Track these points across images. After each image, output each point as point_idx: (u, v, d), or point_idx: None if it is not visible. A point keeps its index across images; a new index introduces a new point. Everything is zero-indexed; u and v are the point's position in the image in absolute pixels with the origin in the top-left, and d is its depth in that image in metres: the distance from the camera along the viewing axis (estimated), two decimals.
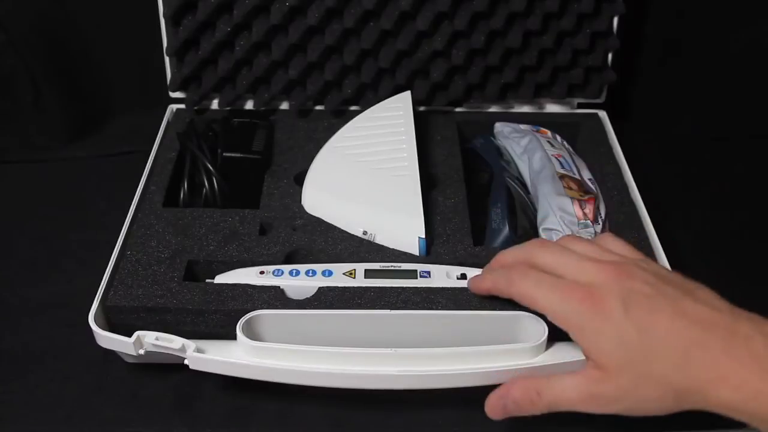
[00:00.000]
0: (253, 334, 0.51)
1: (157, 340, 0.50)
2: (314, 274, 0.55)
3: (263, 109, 0.73)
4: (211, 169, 0.63)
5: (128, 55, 0.79)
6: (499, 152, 0.70)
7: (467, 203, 0.63)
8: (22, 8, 0.74)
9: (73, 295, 0.60)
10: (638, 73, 0.83)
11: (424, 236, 0.57)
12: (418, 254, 0.58)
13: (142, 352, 0.51)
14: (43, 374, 0.56)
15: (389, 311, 0.52)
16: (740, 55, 0.81)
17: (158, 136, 0.70)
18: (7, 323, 0.60)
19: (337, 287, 0.54)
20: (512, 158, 0.70)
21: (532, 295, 0.45)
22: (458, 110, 0.75)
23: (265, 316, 0.51)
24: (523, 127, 0.73)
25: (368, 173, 0.61)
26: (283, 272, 0.55)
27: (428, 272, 0.55)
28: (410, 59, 0.71)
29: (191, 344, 0.50)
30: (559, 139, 0.73)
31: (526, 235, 0.62)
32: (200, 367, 0.50)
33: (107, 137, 0.81)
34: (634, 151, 0.70)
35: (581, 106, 0.76)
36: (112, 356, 0.54)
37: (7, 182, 0.76)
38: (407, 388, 0.50)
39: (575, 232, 0.59)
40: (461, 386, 0.50)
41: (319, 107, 0.74)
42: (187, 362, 0.50)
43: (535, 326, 0.50)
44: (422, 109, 0.74)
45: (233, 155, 0.65)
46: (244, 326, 0.50)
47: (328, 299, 0.53)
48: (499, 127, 0.73)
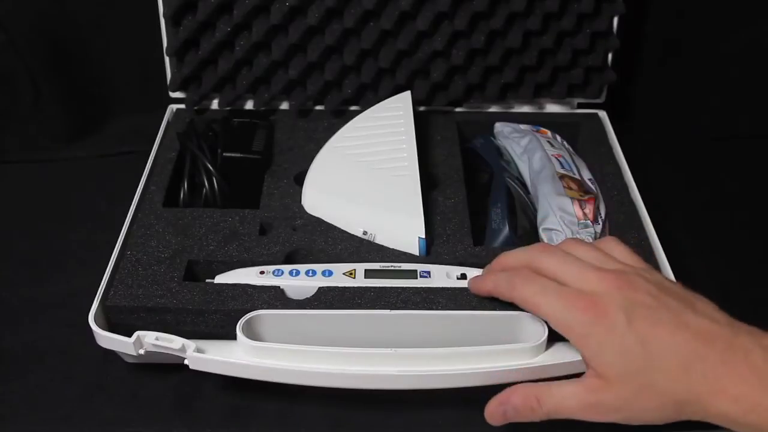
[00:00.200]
0: (253, 334, 0.51)
1: (157, 340, 0.50)
2: (314, 274, 0.55)
3: (263, 109, 0.73)
4: (211, 169, 0.63)
5: (128, 55, 0.79)
6: (499, 152, 0.70)
7: (467, 203, 0.63)
8: (22, 8, 0.74)
9: (73, 295, 0.60)
10: (638, 73, 0.83)
11: (424, 236, 0.57)
12: (418, 254, 0.58)
13: (142, 352, 0.51)
14: (43, 374, 0.56)
15: (389, 311, 0.52)
16: (740, 55, 0.81)
17: (158, 136, 0.70)
18: (7, 323, 0.60)
19: (337, 287, 0.54)
20: (512, 158, 0.70)
21: (535, 301, 0.45)
22: (458, 110, 0.75)
23: (265, 316, 0.51)
24: (523, 127, 0.73)
25: (368, 173, 0.61)
26: (283, 272, 0.55)
27: (428, 272, 0.55)
28: (410, 59, 0.71)
29: (191, 344, 0.50)
30: (559, 139, 0.73)
31: (526, 235, 0.62)
32: (200, 367, 0.50)
33: (107, 137, 0.81)
34: (634, 151, 0.70)
35: (581, 106, 0.76)
36: (112, 356, 0.54)
37: (7, 182, 0.76)
38: (407, 388, 0.50)
39: (575, 232, 0.59)
40: (461, 386, 0.50)
41: (319, 107, 0.74)
42: (187, 362, 0.50)
43: (535, 326, 0.50)
44: (422, 109, 0.74)
45: (233, 155, 0.65)
46: (244, 326, 0.50)
47: (328, 299, 0.53)
48: (499, 127, 0.73)
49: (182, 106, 0.73)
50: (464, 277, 0.55)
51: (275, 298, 0.53)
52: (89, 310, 0.52)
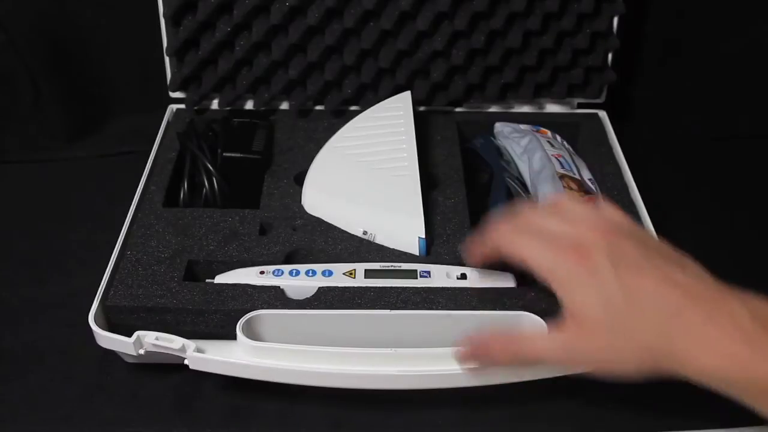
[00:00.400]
0: (253, 334, 0.51)
1: (157, 340, 0.50)
2: (314, 274, 0.55)
3: (263, 109, 0.73)
4: (211, 169, 0.63)
5: (128, 55, 0.79)
6: (499, 152, 0.70)
7: (467, 203, 0.63)
8: (22, 8, 0.74)
9: (73, 295, 0.60)
10: (638, 73, 0.83)
11: (424, 236, 0.57)
12: (418, 254, 0.58)
13: (142, 352, 0.51)
14: (43, 374, 0.56)
15: (389, 311, 0.52)
16: (740, 55, 0.81)
17: (158, 136, 0.70)
18: (7, 323, 0.60)
19: (337, 287, 0.54)
20: (512, 158, 0.70)
21: (522, 251, 0.45)
22: (458, 110, 0.75)
23: (265, 316, 0.51)
24: (523, 127, 0.73)
25: (368, 173, 0.61)
26: (283, 272, 0.55)
27: (428, 272, 0.55)
28: (410, 59, 0.71)
29: (191, 344, 0.50)
30: (559, 139, 0.73)
31: None
32: (200, 367, 0.50)
33: (107, 137, 0.81)
34: (634, 151, 0.70)
35: (581, 106, 0.76)
36: (112, 356, 0.54)
37: (7, 182, 0.76)
38: (407, 388, 0.50)
39: None
40: (461, 386, 0.50)
41: (319, 107, 0.74)
42: (187, 362, 0.50)
43: (535, 326, 0.50)
44: (422, 109, 0.74)
45: (233, 155, 0.65)
46: (244, 326, 0.50)
47: (328, 299, 0.53)
48: (499, 127, 0.73)
49: (182, 106, 0.73)
50: (464, 277, 0.55)
51: (275, 298, 0.53)
52: (89, 310, 0.52)
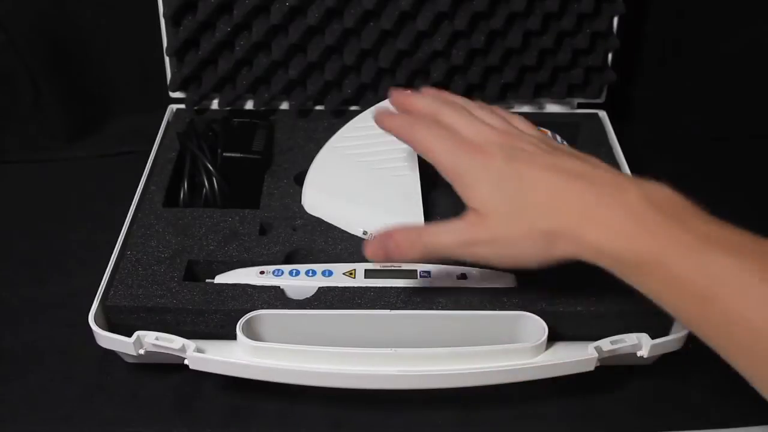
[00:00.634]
0: (253, 334, 0.51)
1: (157, 340, 0.50)
2: (314, 274, 0.55)
3: (263, 109, 0.73)
4: (211, 169, 0.63)
5: (128, 55, 0.79)
6: None
7: None
8: (22, 8, 0.74)
9: (73, 295, 0.60)
10: (638, 73, 0.83)
11: None
12: None
13: (142, 352, 0.51)
14: (43, 374, 0.56)
15: (389, 311, 0.52)
16: (740, 55, 0.81)
17: (158, 136, 0.70)
18: (7, 323, 0.60)
19: (337, 287, 0.54)
20: None
21: (428, 145, 0.47)
22: None
23: (265, 316, 0.51)
24: None
25: (368, 173, 0.61)
26: (283, 272, 0.55)
27: (428, 272, 0.55)
28: (410, 59, 0.71)
29: (191, 344, 0.50)
30: (559, 139, 0.73)
31: None
32: (200, 367, 0.50)
33: (107, 137, 0.81)
34: (634, 151, 0.70)
35: (581, 106, 0.76)
36: (112, 356, 0.54)
37: (7, 182, 0.76)
38: (407, 388, 0.50)
39: None
40: (461, 386, 0.50)
41: (319, 107, 0.74)
42: (187, 362, 0.50)
43: (535, 326, 0.50)
44: None
45: (233, 155, 0.65)
46: (244, 326, 0.50)
47: (328, 299, 0.53)
48: None
49: (182, 106, 0.73)
50: (464, 276, 0.55)
51: (275, 298, 0.53)
52: (89, 310, 0.52)
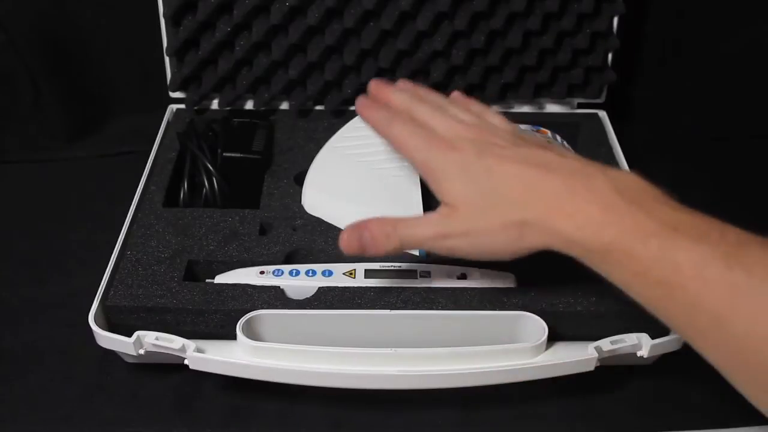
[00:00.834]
0: (253, 334, 0.51)
1: (157, 340, 0.50)
2: (314, 274, 0.55)
3: (263, 109, 0.73)
4: (211, 169, 0.63)
5: (128, 55, 0.79)
6: None
7: None
8: (22, 8, 0.74)
9: (73, 295, 0.60)
10: (638, 73, 0.83)
11: None
12: (418, 254, 0.58)
13: (142, 352, 0.51)
14: (43, 374, 0.56)
15: (389, 311, 0.52)
16: (740, 55, 0.81)
17: (158, 136, 0.70)
18: (7, 323, 0.60)
19: (337, 287, 0.54)
20: None
21: (403, 141, 0.48)
22: None
23: (265, 316, 0.51)
24: (523, 127, 0.72)
25: (368, 173, 0.61)
26: (283, 272, 0.55)
27: (428, 272, 0.55)
28: (410, 59, 0.71)
29: (191, 344, 0.50)
30: (559, 139, 0.73)
31: None
32: (200, 367, 0.50)
33: (107, 137, 0.81)
34: (634, 151, 0.70)
35: (581, 106, 0.76)
36: (112, 356, 0.54)
37: (7, 182, 0.76)
38: (407, 388, 0.50)
39: None
40: (461, 386, 0.50)
41: (319, 107, 0.74)
42: (187, 362, 0.50)
43: (535, 326, 0.50)
44: None
45: (233, 155, 0.65)
46: (244, 326, 0.50)
47: (328, 299, 0.53)
48: None
49: (182, 106, 0.73)
50: (464, 276, 0.55)
51: (275, 298, 0.53)
52: (89, 310, 0.52)
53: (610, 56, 0.73)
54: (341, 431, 0.53)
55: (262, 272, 0.55)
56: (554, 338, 0.51)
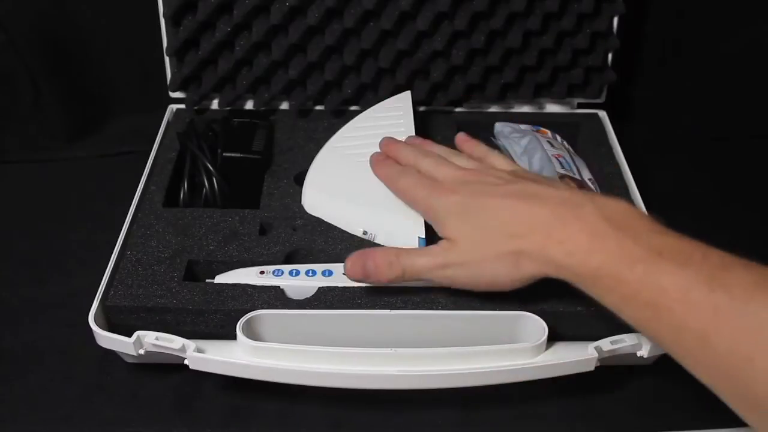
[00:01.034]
0: (253, 334, 0.51)
1: (157, 340, 0.50)
2: (314, 274, 0.55)
3: (263, 109, 0.73)
4: (211, 169, 0.63)
5: (128, 55, 0.79)
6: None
7: None
8: (22, 8, 0.74)
9: (73, 295, 0.60)
10: (638, 73, 0.83)
11: (424, 236, 0.57)
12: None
13: (142, 352, 0.51)
14: (43, 374, 0.56)
15: (389, 311, 0.52)
16: (740, 55, 0.81)
17: (158, 136, 0.70)
18: (7, 323, 0.60)
19: (337, 287, 0.54)
20: (512, 158, 0.70)
21: (410, 192, 0.54)
22: (458, 110, 0.75)
23: (265, 316, 0.51)
24: (523, 127, 0.73)
25: (368, 173, 0.61)
26: (283, 272, 0.55)
27: None
28: (410, 59, 0.71)
29: (191, 344, 0.50)
30: (559, 139, 0.73)
31: None
32: (200, 367, 0.50)
33: (107, 137, 0.81)
34: (634, 151, 0.70)
35: (581, 106, 0.76)
36: (112, 356, 0.54)
37: (7, 182, 0.76)
38: (407, 388, 0.50)
39: None
40: (461, 386, 0.50)
41: (319, 107, 0.74)
42: (187, 362, 0.50)
43: (535, 326, 0.50)
44: (422, 109, 0.74)
45: (233, 155, 0.65)
46: (244, 326, 0.50)
47: (328, 299, 0.53)
48: (499, 127, 0.73)
49: (182, 106, 0.73)
50: None
51: (275, 298, 0.53)
52: (89, 310, 0.52)
53: (610, 56, 0.73)
54: (341, 431, 0.53)
55: (262, 272, 0.55)
56: (554, 338, 0.51)
